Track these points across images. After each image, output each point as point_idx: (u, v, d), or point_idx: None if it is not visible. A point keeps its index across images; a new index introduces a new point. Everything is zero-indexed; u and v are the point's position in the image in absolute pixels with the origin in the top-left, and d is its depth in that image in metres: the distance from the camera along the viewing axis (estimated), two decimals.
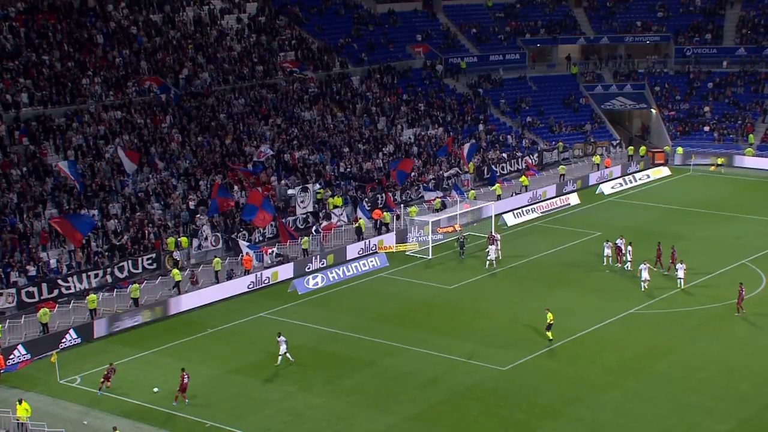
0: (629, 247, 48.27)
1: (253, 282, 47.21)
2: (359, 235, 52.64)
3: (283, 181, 56.30)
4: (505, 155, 67.70)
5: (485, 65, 78.83)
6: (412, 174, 60.82)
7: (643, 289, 44.76)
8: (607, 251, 49.05)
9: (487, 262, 48.99)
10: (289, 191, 55.09)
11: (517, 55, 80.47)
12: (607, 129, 76.37)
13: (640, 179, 67.66)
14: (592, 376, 36.90)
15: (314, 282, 47.39)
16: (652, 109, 78.14)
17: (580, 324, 41.39)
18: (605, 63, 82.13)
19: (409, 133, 67.33)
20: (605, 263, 48.80)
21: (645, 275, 44.93)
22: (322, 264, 49.86)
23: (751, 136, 72.91)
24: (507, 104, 75.53)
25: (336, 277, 48.22)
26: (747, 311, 42.37)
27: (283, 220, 51.99)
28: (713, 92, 77.87)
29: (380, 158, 62.08)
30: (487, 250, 49.37)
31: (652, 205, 61.51)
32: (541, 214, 59.67)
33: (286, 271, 48.59)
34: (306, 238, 50.84)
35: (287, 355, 37.95)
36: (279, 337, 38.39)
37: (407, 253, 52.34)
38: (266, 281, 47.62)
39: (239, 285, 46.68)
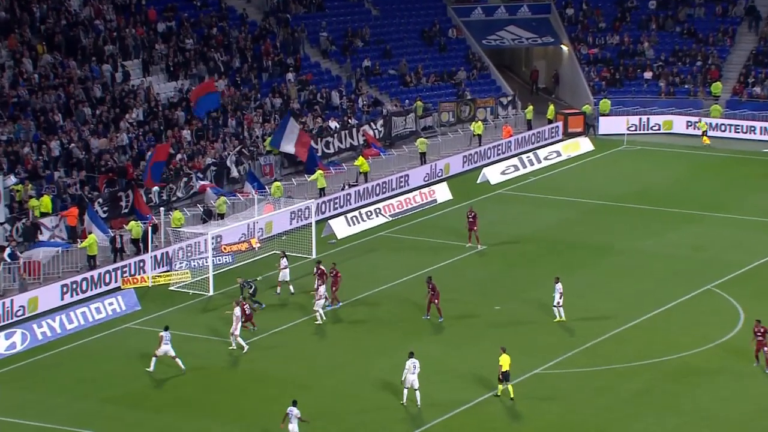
0: None
1: None
2: (91, 260, 52.20)
3: None
4: (331, 124, 68.04)
5: None
6: (178, 157, 60.63)
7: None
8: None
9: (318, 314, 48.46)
10: None
11: None
12: (493, 78, 78.06)
13: (546, 158, 69.50)
14: None
15: (9, 343, 46.45)
16: (562, 46, 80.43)
17: (458, 394, 41.99)
18: None
19: (170, 87, 66.86)
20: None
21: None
22: (22, 313, 48.91)
23: (716, 84, 75.98)
24: (331, 39, 75.96)
25: (49, 334, 47.46)
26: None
27: None
28: (657, 16, 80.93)
29: (123, 130, 61.41)
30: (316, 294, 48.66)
31: (563, 200, 63.27)
32: (389, 219, 60.39)
33: None
34: None
35: None
36: None
37: (172, 287, 52.13)
38: None
39: None
